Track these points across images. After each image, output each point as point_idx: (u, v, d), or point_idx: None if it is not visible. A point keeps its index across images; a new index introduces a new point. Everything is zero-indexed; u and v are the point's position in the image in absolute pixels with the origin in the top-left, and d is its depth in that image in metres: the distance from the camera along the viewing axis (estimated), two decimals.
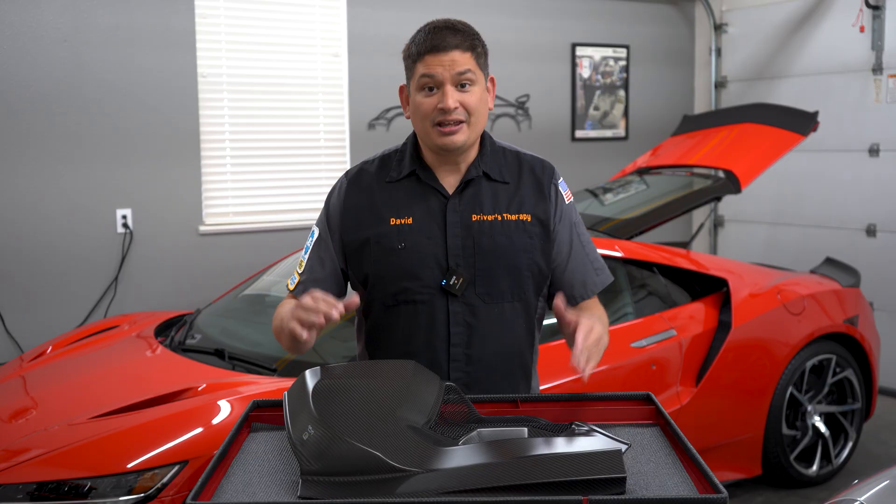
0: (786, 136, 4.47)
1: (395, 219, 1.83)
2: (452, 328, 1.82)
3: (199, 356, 3.15)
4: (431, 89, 1.78)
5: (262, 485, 1.43)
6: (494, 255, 1.82)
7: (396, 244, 1.82)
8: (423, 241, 1.82)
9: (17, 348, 4.29)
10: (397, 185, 1.87)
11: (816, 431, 3.99)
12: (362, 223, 1.85)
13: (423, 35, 1.79)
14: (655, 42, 6.31)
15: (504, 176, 1.88)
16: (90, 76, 4.41)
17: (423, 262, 1.81)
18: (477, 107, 1.79)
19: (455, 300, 1.82)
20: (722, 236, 6.49)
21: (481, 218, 1.83)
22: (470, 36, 1.80)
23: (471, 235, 1.82)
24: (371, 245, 1.84)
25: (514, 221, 1.84)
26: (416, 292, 1.82)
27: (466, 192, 1.85)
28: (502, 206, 1.85)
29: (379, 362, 1.70)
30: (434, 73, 1.76)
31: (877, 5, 5.35)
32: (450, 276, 1.80)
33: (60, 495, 2.39)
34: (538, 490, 1.32)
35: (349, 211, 1.88)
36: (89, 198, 4.45)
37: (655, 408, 1.70)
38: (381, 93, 5.15)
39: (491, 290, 1.83)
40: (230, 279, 4.63)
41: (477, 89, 1.80)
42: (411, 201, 1.85)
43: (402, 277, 1.82)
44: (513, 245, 1.83)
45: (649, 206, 4.25)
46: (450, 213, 1.83)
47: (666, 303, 3.73)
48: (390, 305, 1.84)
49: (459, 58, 1.76)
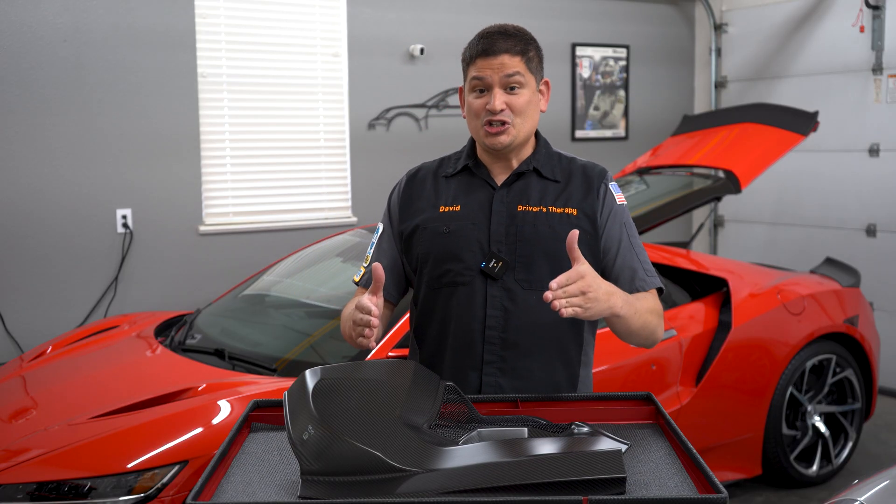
0: (786, 136, 4.47)
1: (444, 206, 1.92)
2: (489, 311, 1.85)
3: (199, 356, 3.15)
4: (482, 91, 1.86)
5: (262, 485, 1.43)
6: (535, 242, 1.85)
7: (443, 228, 1.89)
8: (469, 226, 1.88)
9: (17, 348, 4.29)
10: (451, 179, 1.97)
11: (816, 431, 3.99)
12: (416, 211, 1.95)
13: (476, 39, 1.89)
14: (655, 42, 6.31)
15: (555, 174, 1.93)
16: (90, 76, 4.41)
17: (467, 246, 1.87)
18: (524, 108, 1.86)
19: (494, 284, 1.85)
20: (722, 236, 6.49)
21: (527, 209, 1.88)
22: (522, 41, 1.87)
23: (514, 224, 1.87)
24: (420, 229, 1.92)
25: (560, 214, 1.87)
26: (458, 273, 1.87)
27: (515, 185, 1.91)
28: (549, 199, 1.89)
29: (379, 362, 1.71)
30: (483, 75, 1.85)
31: (877, 5, 5.35)
32: (489, 258, 1.85)
33: (60, 495, 2.39)
34: (538, 490, 1.32)
35: (405, 203, 1.98)
36: (89, 198, 4.45)
37: (655, 408, 1.70)
38: (381, 93, 5.14)
39: (530, 277, 1.85)
40: (230, 279, 4.63)
41: (525, 92, 1.86)
42: (462, 191, 1.93)
43: (446, 259, 1.88)
44: (555, 234, 1.85)
45: (649, 206, 4.26)
46: (496, 202, 1.89)
47: (666, 303, 3.73)
48: (435, 288, 1.90)
49: (509, 61, 1.84)
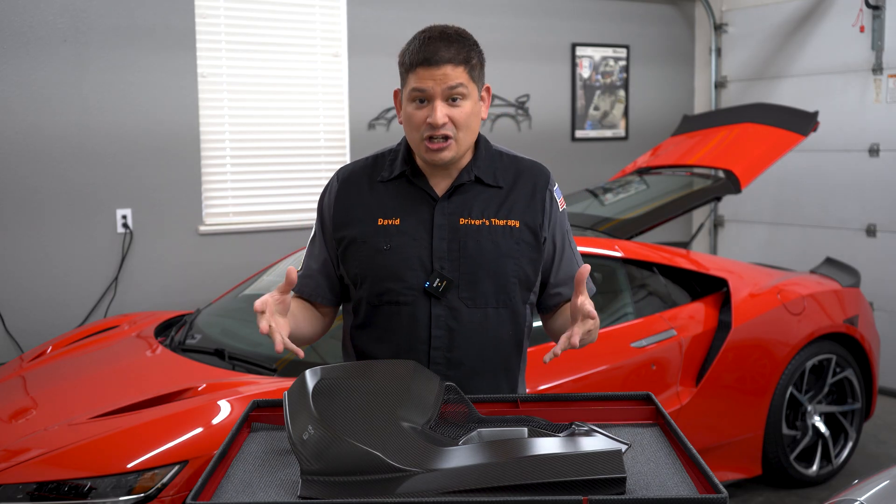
0: (786, 136, 4.47)
1: (382, 219, 1.83)
2: (434, 331, 1.81)
3: (199, 356, 3.15)
4: (422, 101, 1.75)
5: (262, 485, 1.43)
6: (479, 259, 1.80)
7: (382, 244, 1.82)
8: (409, 242, 1.81)
9: (17, 348, 4.28)
10: (387, 185, 1.87)
11: (816, 431, 3.99)
12: (351, 221, 1.86)
13: (416, 45, 1.74)
14: (655, 42, 6.31)
15: (498, 180, 1.86)
16: (90, 76, 4.41)
17: (408, 264, 1.80)
18: (466, 121, 1.76)
19: (438, 303, 1.80)
20: (722, 236, 6.49)
21: (469, 222, 1.81)
22: (465, 48, 1.75)
23: (457, 239, 1.81)
24: (358, 244, 1.84)
25: (503, 227, 1.82)
26: (399, 293, 1.81)
27: (456, 196, 1.84)
28: (491, 210, 1.83)
29: (379, 362, 1.70)
30: (425, 87, 1.73)
31: (877, 5, 5.35)
32: (433, 278, 1.79)
33: (60, 495, 2.39)
34: (538, 490, 1.32)
35: (339, 209, 1.88)
36: (89, 198, 4.45)
37: (655, 408, 1.70)
38: (381, 93, 5.15)
39: (475, 295, 1.81)
40: (230, 279, 4.63)
41: (468, 103, 1.76)
42: (400, 203, 1.84)
43: (386, 278, 1.81)
44: (498, 250, 1.81)
45: (649, 206, 4.26)
46: (437, 216, 1.82)
47: (666, 303, 3.73)
48: (375, 305, 1.84)
49: (451, 72, 1.72)
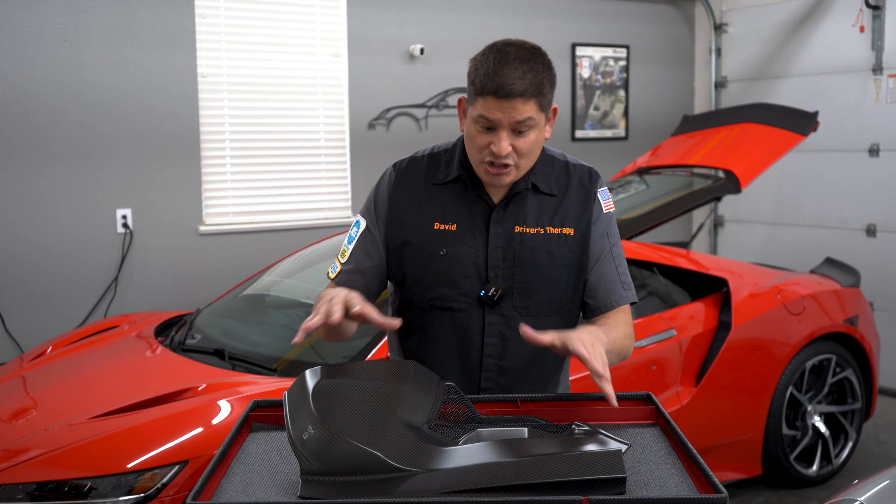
0: (786, 136, 4.47)
1: (439, 223, 1.82)
2: (487, 339, 1.81)
3: (199, 356, 3.15)
4: (488, 128, 1.71)
5: (262, 485, 1.43)
6: (534, 268, 1.80)
7: (438, 250, 1.80)
8: (465, 249, 1.80)
9: (17, 348, 4.29)
10: (444, 187, 1.84)
11: (816, 431, 3.99)
12: (406, 222, 1.84)
13: (490, 67, 1.67)
14: (655, 42, 6.31)
15: (552, 188, 1.85)
16: (90, 76, 4.41)
17: (464, 271, 1.80)
18: (530, 150, 1.73)
19: (491, 311, 1.80)
20: (722, 236, 6.49)
21: (524, 230, 1.81)
22: (538, 76, 1.68)
23: (512, 247, 1.80)
24: (413, 246, 1.82)
25: (557, 235, 1.82)
26: (452, 300, 1.81)
27: (512, 204, 1.82)
28: (546, 218, 1.83)
29: (379, 362, 1.70)
30: (493, 118, 1.68)
31: (877, 5, 5.35)
32: (489, 287, 1.79)
33: (60, 495, 2.39)
34: (538, 490, 1.32)
35: (395, 206, 1.85)
36: (89, 198, 4.45)
37: (655, 408, 1.70)
38: (381, 93, 5.14)
39: (528, 304, 1.81)
40: (230, 279, 4.63)
41: (534, 133, 1.72)
42: (456, 207, 1.83)
43: (440, 284, 1.81)
44: (553, 259, 1.81)
45: (649, 206, 4.26)
46: (493, 223, 1.81)
47: (666, 303, 3.73)
48: (426, 309, 1.83)
49: (522, 107, 1.66)
